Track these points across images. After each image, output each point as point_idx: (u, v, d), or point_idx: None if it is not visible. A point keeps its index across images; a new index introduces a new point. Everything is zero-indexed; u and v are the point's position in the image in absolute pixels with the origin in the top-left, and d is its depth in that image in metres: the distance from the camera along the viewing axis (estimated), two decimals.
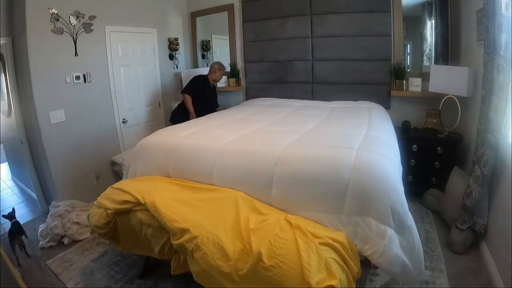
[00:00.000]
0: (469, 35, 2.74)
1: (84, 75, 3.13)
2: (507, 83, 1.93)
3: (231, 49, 4.34)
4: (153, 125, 3.99)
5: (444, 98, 2.83)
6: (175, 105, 4.29)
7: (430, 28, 3.24)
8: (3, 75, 3.04)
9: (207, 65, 4.60)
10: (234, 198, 1.75)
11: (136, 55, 3.77)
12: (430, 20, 3.22)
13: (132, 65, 3.70)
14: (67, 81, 3.00)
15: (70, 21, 2.95)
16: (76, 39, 3.02)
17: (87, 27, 3.10)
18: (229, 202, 1.73)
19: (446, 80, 2.74)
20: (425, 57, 3.34)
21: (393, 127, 2.62)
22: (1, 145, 4.19)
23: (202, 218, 1.62)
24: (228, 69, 4.38)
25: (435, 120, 3.11)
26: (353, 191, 1.56)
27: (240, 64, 4.32)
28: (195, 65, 4.66)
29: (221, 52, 4.60)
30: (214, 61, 3.80)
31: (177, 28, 4.44)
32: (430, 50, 3.28)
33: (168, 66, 4.32)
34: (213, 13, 4.38)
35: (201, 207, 1.73)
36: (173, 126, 2.71)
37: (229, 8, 4.23)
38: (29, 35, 2.66)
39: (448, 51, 3.06)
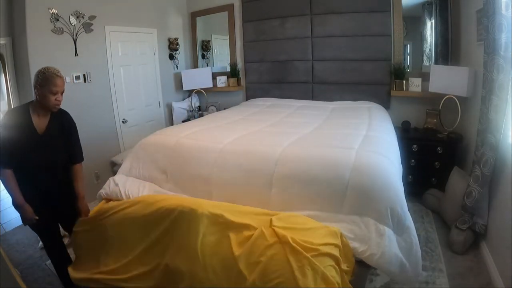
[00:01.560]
0: (469, 35, 2.74)
1: (84, 75, 3.13)
2: (507, 83, 1.93)
3: (231, 49, 4.34)
4: (153, 125, 3.98)
5: (444, 98, 2.83)
6: (175, 105, 4.30)
7: (430, 28, 3.24)
8: (3, 75, 3.03)
9: (207, 65, 4.61)
10: (197, 219, 1.49)
11: (136, 55, 3.77)
12: (430, 20, 3.22)
13: (132, 65, 3.70)
14: (67, 81, 2.97)
15: (70, 21, 2.95)
16: (76, 39, 3.02)
17: (87, 27, 3.10)
18: (193, 228, 1.48)
19: (446, 80, 2.74)
20: (425, 57, 3.34)
21: (393, 127, 2.62)
22: None
23: (175, 261, 1.43)
24: (228, 69, 4.39)
25: (435, 120, 3.10)
26: (352, 191, 1.56)
27: (240, 64, 4.31)
28: (195, 65, 4.66)
29: (221, 52, 4.60)
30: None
31: (177, 28, 4.44)
32: (430, 50, 3.28)
33: (168, 66, 4.32)
34: (213, 13, 4.38)
35: (165, 247, 1.52)
36: (173, 126, 2.70)
37: (229, 8, 4.23)
38: (29, 35, 2.66)
39: (448, 51, 3.06)
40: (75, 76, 3.05)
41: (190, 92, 4.48)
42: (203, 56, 4.64)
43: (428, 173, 2.94)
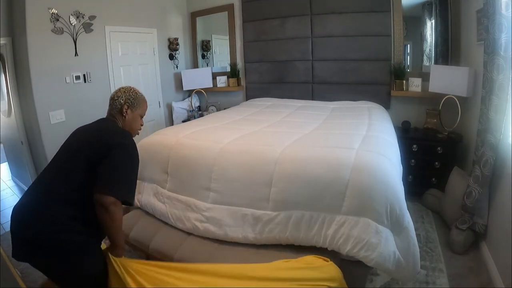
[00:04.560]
0: (469, 35, 2.74)
1: (84, 75, 3.13)
2: (507, 83, 1.93)
3: (231, 49, 4.34)
4: (153, 125, 3.98)
5: (444, 98, 2.83)
6: (175, 105, 4.29)
7: (430, 28, 3.24)
8: (3, 75, 3.04)
9: (207, 65, 4.60)
10: None
11: (136, 55, 3.77)
12: (430, 20, 3.22)
13: (132, 65, 3.70)
14: (67, 81, 3.00)
15: (70, 21, 2.95)
16: (76, 39, 3.02)
17: (87, 27, 3.10)
18: None
19: (446, 80, 2.74)
20: (425, 57, 3.34)
21: (393, 127, 2.62)
22: (1, 145, 4.18)
23: None
24: (228, 69, 4.38)
25: (435, 120, 3.10)
26: (352, 191, 1.56)
27: (240, 64, 4.31)
28: (195, 65, 4.66)
29: (221, 52, 4.60)
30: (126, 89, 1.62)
31: (177, 28, 4.44)
32: (430, 50, 3.28)
33: (168, 66, 4.32)
34: (213, 13, 4.38)
35: None
36: (173, 126, 2.69)
37: (229, 8, 4.23)
38: (29, 35, 2.66)
39: (448, 51, 3.06)
40: (75, 76, 3.05)
41: (190, 92, 4.48)
42: (203, 56, 4.64)
43: (428, 173, 2.94)
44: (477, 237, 2.23)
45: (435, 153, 2.87)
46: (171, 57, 4.35)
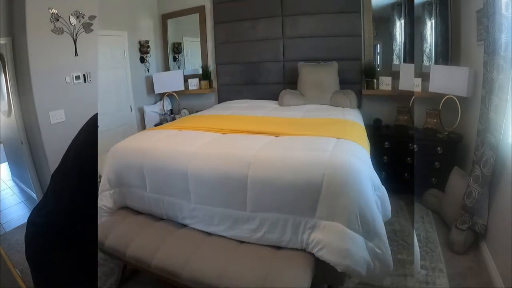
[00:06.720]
0: (469, 35, 2.73)
1: (84, 75, 3.13)
2: (507, 83, 1.93)
3: (202, 51, 4.27)
4: (125, 130, 3.80)
5: (444, 98, 2.83)
6: (147, 109, 4.17)
7: (430, 28, 3.24)
8: (3, 75, 3.04)
9: (179, 67, 4.48)
10: None
11: (106, 58, 3.62)
12: (430, 20, 3.22)
13: (102, 68, 3.48)
14: (67, 81, 3.00)
15: (70, 21, 2.95)
16: (76, 39, 3.02)
17: (87, 27, 3.10)
18: None
19: (446, 80, 2.74)
20: (425, 57, 3.34)
21: (364, 129, 2.60)
22: (1, 145, 4.19)
23: None
24: (200, 71, 4.31)
25: (435, 120, 3.09)
26: (325, 195, 1.52)
27: (212, 66, 4.26)
28: (166, 68, 4.57)
29: (192, 55, 4.52)
30: None
31: (148, 31, 4.34)
32: (430, 50, 3.28)
33: (139, 69, 4.22)
34: (184, 15, 4.30)
35: None
36: (145, 130, 2.60)
37: (200, 10, 4.16)
38: (29, 35, 2.66)
39: (448, 51, 3.06)
40: (75, 76, 3.05)
41: (162, 96, 4.36)
42: (175, 59, 4.55)
43: (428, 173, 2.93)
44: (477, 237, 2.23)
45: (435, 153, 2.86)
46: (142, 60, 4.26)
